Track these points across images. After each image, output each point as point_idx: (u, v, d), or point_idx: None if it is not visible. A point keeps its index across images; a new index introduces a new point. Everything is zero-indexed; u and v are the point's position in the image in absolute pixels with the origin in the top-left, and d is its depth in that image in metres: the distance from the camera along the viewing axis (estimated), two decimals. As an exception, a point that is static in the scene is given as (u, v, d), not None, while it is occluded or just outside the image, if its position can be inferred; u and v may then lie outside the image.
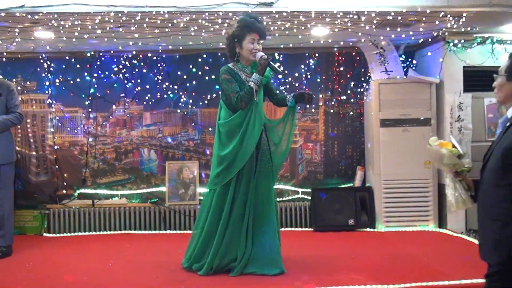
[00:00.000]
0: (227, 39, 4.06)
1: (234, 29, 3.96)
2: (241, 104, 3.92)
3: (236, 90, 3.95)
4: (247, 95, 3.90)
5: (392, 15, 4.53)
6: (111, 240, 5.34)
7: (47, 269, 4.25)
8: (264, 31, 4.00)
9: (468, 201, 2.76)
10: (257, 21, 3.95)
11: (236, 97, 3.92)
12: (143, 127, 6.14)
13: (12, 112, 4.72)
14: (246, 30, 3.92)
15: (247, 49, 3.96)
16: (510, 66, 2.46)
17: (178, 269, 4.16)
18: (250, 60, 4.02)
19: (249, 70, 4.06)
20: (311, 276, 3.91)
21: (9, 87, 4.78)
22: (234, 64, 4.09)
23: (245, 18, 3.96)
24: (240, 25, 3.94)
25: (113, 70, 6.01)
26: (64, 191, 5.97)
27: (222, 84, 4.05)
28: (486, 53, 5.50)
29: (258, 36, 3.95)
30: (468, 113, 5.50)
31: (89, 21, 4.51)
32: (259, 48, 3.98)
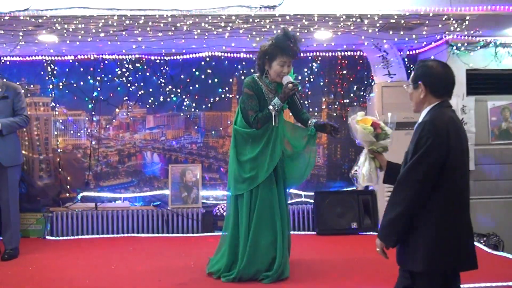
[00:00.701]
0: (259, 53, 3.90)
1: (267, 46, 3.81)
2: (257, 125, 3.85)
3: (255, 109, 3.86)
4: (265, 118, 3.83)
5: (395, 18, 4.52)
6: (114, 243, 5.34)
7: (50, 272, 4.25)
8: (297, 53, 3.83)
9: (373, 178, 2.86)
10: (293, 42, 3.77)
11: (254, 117, 3.84)
12: (146, 130, 6.15)
13: (18, 115, 4.76)
14: (278, 51, 3.77)
15: (276, 70, 3.82)
16: (414, 75, 2.53)
17: (180, 272, 4.16)
18: (276, 80, 3.89)
19: (273, 87, 3.93)
20: (315, 280, 3.90)
21: (16, 90, 4.82)
22: (260, 77, 3.95)
23: (281, 38, 3.78)
24: (274, 44, 3.79)
25: (116, 73, 6.02)
26: (67, 194, 5.98)
27: (243, 96, 3.94)
28: (489, 56, 5.49)
29: (289, 59, 3.80)
30: (471, 116, 5.49)
31: (92, 25, 4.52)
32: (289, 70, 3.84)
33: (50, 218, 5.66)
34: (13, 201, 4.77)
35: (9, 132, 4.68)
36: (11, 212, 4.72)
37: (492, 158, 5.58)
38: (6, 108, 4.72)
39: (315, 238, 5.52)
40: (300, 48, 3.89)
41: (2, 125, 4.58)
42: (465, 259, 2.39)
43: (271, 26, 4.67)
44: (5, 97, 4.72)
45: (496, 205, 5.52)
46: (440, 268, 2.35)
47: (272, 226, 3.88)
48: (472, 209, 5.82)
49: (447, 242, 2.34)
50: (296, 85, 3.78)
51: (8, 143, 4.68)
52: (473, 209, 5.72)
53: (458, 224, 2.38)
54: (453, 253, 2.35)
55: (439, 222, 2.34)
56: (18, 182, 4.90)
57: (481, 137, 5.56)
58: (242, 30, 4.80)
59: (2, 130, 4.58)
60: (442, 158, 2.30)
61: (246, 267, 3.85)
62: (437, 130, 2.30)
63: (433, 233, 2.33)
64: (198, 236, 5.59)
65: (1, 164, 4.63)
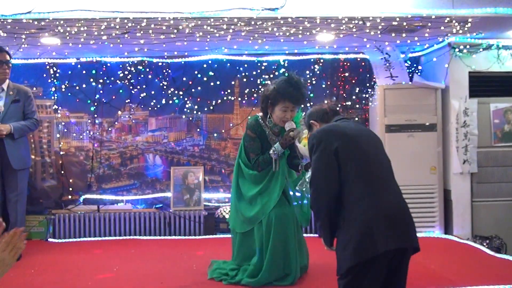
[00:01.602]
0: (261, 96, 3.90)
1: (270, 91, 3.77)
2: (257, 168, 3.87)
3: (257, 152, 3.87)
4: (265, 163, 3.84)
5: (397, 20, 4.53)
6: (116, 245, 5.34)
7: (53, 274, 4.25)
8: (300, 100, 3.76)
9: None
10: (297, 90, 3.71)
11: (255, 161, 3.86)
12: (148, 133, 6.16)
13: (28, 118, 4.79)
14: (280, 97, 3.71)
15: (278, 116, 3.77)
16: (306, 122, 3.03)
17: (182, 275, 4.16)
18: (279, 124, 3.85)
19: (277, 129, 3.91)
20: (318, 284, 3.89)
21: (27, 93, 4.85)
22: (264, 118, 3.93)
23: (284, 83, 3.73)
24: (276, 90, 3.73)
25: (118, 76, 6.03)
26: (69, 196, 5.99)
27: (245, 136, 3.95)
28: (492, 59, 5.48)
29: (292, 105, 3.74)
30: (473, 118, 5.48)
31: (95, 27, 4.53)
32: (292, 115, 3.77)
33: (53, 220, 5.67)
34: (21, 204, 4.79)
35: (20, 135, 4.71)
36: (18, 215, 4.74)
37: (495, 160, 5.56)
38: (17, 112, 4.74)
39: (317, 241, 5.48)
40: (306, 94, 3.87)
41: (14, 129, 4.61)
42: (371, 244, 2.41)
43: (273, 29, 4.68)
44: (16, 101, 4.75)
45: (499, 208, 5.50)
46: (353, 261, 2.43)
47: (285, 240, 3.83)
48: (475, 211, 5.84)
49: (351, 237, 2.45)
50: (298, 133, 3.71)
51: (19, 146, 4.71)
52: (476, 211, 5.75)
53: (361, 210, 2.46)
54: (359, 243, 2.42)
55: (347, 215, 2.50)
56: (26, 185, 4.93)
57: (483, 139, 5.54)
58: (244, 33, 4.81)
59: (14, 134, 4.61)
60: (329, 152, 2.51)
61: (263, 278, 3.81)
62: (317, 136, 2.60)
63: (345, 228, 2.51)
64: (200, 238, 5.59)
65: (11, 167, 4.65)
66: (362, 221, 2.42)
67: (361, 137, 2.61)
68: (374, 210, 2.43)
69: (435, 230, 5.53)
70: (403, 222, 2.50)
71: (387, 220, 2.42)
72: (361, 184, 2.48)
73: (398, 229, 2.45)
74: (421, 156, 5.49)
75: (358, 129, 2.67)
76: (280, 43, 5.27)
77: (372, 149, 2.60)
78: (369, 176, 2.50)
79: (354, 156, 2.52)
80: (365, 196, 2.45)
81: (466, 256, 4.71)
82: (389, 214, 2.44)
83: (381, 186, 2.52)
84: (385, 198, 2.48)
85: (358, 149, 2.55)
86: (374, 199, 2.45)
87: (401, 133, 5.55)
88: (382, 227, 2.40)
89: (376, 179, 2.51)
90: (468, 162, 5.46)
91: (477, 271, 4.13)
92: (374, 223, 2.41)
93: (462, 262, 4.48)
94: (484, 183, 5.54)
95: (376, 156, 2.59)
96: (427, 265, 4.35)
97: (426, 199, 5.53)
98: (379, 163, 2.58)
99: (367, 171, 2.51)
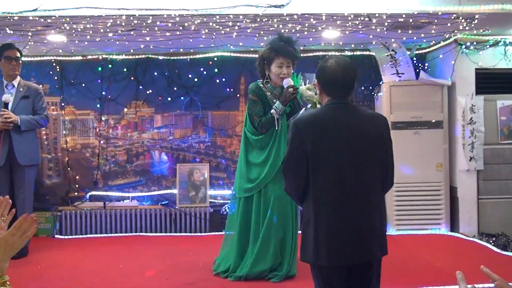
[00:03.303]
0: (258, 60, 4.03)
1: (264, 51, 3.94)
2: (261, 129, 3.96)
3: (260, 114, 3.96)
4: (268, 123, 3.92)
5: (404, 17, 4.50)
6: (122, 242, 5.36)
7: (59, 270, 4.27)
8: (294, 54, 3.90)
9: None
10: (288, 43, 3.86)
11: (258, 122, 3.95)
12: (154, 130, 6.17)
13: (38, 114, 4.81)
14: (274, 54, 3.86)
15: (275, 72, 3.90)
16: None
17: (188, 272, 4.17)
18: (278, 83, 3.96)
19: (277, 92, 3.99)
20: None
21: (37, 90, 4.89)
22: (264, 83, 4.03)
23: (275, 40, 3.89)
24: (269, 48, 3.89)
25: (124, 73, 6.04)
26: (76, 193, 6.01)
27: (248, 102, 4.08)
28: (499, 55, 5.45)
29: (286, 60, 3.88)
30: (480, 115, 5.45)
31: (101, 25, 4.54)
32: (288, 71, 3.90)
33: (59, 217, 5.70)
34: (29, 201, 4.82)
35: (28, 128, 4.71)
36: (26, 212, 4.76)
37: (501, 157, 5.53)
38: (27, 108, 4.77)
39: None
40: (298, 49, 3.96)
41: (21, 120, 4.62)
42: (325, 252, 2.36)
43: (279, 25, 4.67)
44: (26, 97, 4.78)
45: (505, 205, 5.48)
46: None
47: (283, 224, 3.90)
48: (481, 209, 5.82)
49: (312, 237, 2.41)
50: (296, 89, 3.80)
51: (26, 142, 4.72)
52: (482, 209, 5.73)
53: (320, 215, 2.39)
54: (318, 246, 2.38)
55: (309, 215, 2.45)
56: (33, 181, 4.95)
57: (490, 136, 5.52)
58: (250, 30, 4.81)
59: (20, 126, 4.62)
60: (301, 150, 2.39)
61: (254, 265, 3.87)
62: (296, 127, 2.44)
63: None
64: (206, 235, 5.60)
65: (18, 163, 4.66)
66: (311, 228, 2.39)
67: (340, 149, 2.39)
68: (328, 219, 2.37)
69: (441, 228, 5.51)
70: (350, 241, 2.37)
71: (338, 235, 2.36)
72: (321, 196, 2.39)
73: (341, 249, 2.36)
74: (427, 153, 5.47)
75: (344, 134, 2.41)
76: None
77: (348, 163, 2.38)
78: (330, 192, 2.38)
79: (324, 159, 2.38)
80: (322, 207, 2.38)
81: (472, 253, 4.70)
82: (339, 229, 2.36)
83: (339, 202, 2.38)
84: (342, 213, 2.37)
85: (331, 152, 2.38)
86: (331, 210, 2.37)
87: (407, 130, 5.53)
88: (330, 240, 2.36)
89: (339, 189, 2.37)
90: (475, 159, 5.43)
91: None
92: (323, 233, 2.36)
93: (468, 259, 4.46)
94: (490, 180, 5.52)
95: (349, 172, 2.38)
96: (433, 263, 4.34)
97: (432, 197, 5.51)
98: (348, 180, 2.38)
99: (331, 187, 2.38)
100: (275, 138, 3.96)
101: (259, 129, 3.96)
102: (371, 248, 2.41)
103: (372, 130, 2.46)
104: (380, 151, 2.46)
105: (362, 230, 2.39)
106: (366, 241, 2.39)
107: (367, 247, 2.40)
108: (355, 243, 2.37)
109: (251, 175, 3.97)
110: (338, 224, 2.37)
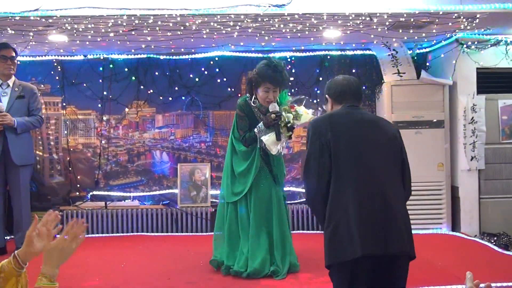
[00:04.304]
0: (247, 80, 4.20)
1: (253, 74, 4.07)
2: (245, 143, 4.16)
3: (245, 129, 4.14)
4: (251, 139, 4.10)
5: (405, 16, 4.50)
6: (124, 241, 5.37)
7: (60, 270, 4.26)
8: (281, 80, 4.02)
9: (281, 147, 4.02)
10: (275, 71, 3.97)
11: (243, 137, 4.15)
12: (155, 130, 6.17)
13: (34, 115, 4.82)
14: (261, 79, 4.00)
15: (261, 96, 4.05)
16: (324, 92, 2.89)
17: (189, 271, 4.17)
18: (264, 105, 4.08)
19: (264, 108, 4.11)
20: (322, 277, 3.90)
21: (33, 90, 4.91)
22: (251, 99, 4.15)
23: (263, 66, 4.01)
24: (258, 72, 4.02)
25: (125, 72, 6.05)
26: (77, 193, 6.02)
27: (235, 116, 4.25)
28: (500, 55, 5.44)
29: (273, 86, 4.00)
30: (481, 115, 5.45)
31: (102, 24, 4.54)
32: (275, 95, 4.04)
33: (61, 216, 5.68)
34: (26, 201, 4.82)
35: (23, 131, 4.74)
36: (23, 212, 4.77)
37: (503, 157, 5.53)
38: (22, 108, 4.79)
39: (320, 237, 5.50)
40: (286, 75, 4.09)
41: (18, 123, 4.64)
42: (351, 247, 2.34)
43: (280, 25, 4.67)
44: (21, 97, 4.79)
45: (507, 205, 5.47)
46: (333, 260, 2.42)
47: (268, 221, 4.09)
48: (483, 208, 5.81)
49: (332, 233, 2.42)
50: (279, 116, 3.91)
51: (21, 142, 4.74)
52: (484, 208, 5.72)
53: (340, 210, 2.40)
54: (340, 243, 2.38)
55: (328, 213, 2.45)
56: (29, 181, 4.96)
57: (491, 136, 5.51)
58: (251, 29, 4.81)
59: (16, 129, 4.64)
60: (321, 143, 2.46)
61: (252, 261, 3.98)
62: (314, 126, 2.56)
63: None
64: (207, 235, 5.59)
65: (13, 163, 4.67)
66: (338, 223, 2.37)
67: (359, 135, 2.48)
68: (353, 212, 2.35)
69: (442, 227, 5.51)
70: (383, 229, 2.34)
71: (363, 226, 2.33)
72: (345, 184, 2.40)
73: (374, 236, 2.33)
74: (429, 153, 5.46)
75: (361, 124, 2.53)
76: (287, 40, 5.25)
77: (368, 149, 2.46)
78: (355, 177, 2.40)
79: (345, 153, 2.43)
80: (348, 196, 2.37)
81: (474, 253, 4.69)
82: (366, 219, 2.34)
83: (365, 189, 2.39)
84: (367, 202, 2.37)
85: (350, 147, 2.45)
86: (355, 201, 2.36)
87: (408, 130, 5.53)
88: (356, 234, 2.32)
89: (361, 182, 2.40)
90: (476, 158, 5.43)
91: (485, 268, 4.11)
92: (347, 227, 2.34)
93: (470, 259, 4.46)
94: (492, 180, 5.51)
95: (371, 157, 2.45)
96: (434, 262, 4.34)
97: (433, 196, 5.51)
98: (371, 165, 2.43)
99: (354, 171, 2.41)
100: (256, 152, 4.11)
101: (243, 143, 4.16)
102: (404, 240, 2.37)
103: (387, 127, 2.62)
104: (396, 146, 2.56)
105: (393, 220, 2.38)
106: (398, 231, 2.37)
107: (401, 237, 2.37)
108: (387, 231, 2.34)
109: (236, 189, 4.16)
110: (368, 214, 2.35)
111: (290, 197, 5.99)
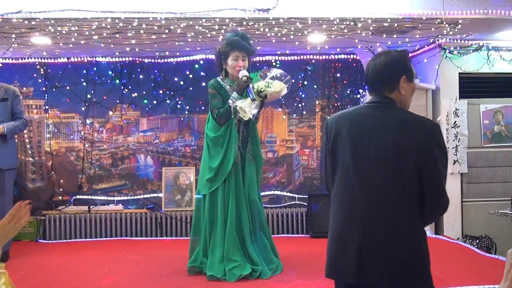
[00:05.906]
0: (215, 55, 4.22)
1: (220, 46, 4.15)
2: (220, 120, 4.11)
3: (218, 106, 4.11)
4: (226, 113, 4.07)
5: (389, 22, 4.55)
6: (107, 246, 5.31)
7: (43, 275, 4.22)
8: (248, 48, 4.12)
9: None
10: (243, 38, 4.08)
11: (217, 113, 4.11)
12: (139, 133, 6.14)
13: (18, 118, 4.77)
14: (229, 48, 4.09)
15: (231, 65, 4.12)
16: None
17: (174, 276, 4.15)
18: (235, 76, 4.14)
19: (236, 85, 4.14)
20: (308, 282, 3.90)
21: (15, 92, 4.84)
22: (223, 78, 4.22)
23: (230, 36, 4.11)
24: (225, 43, 4.12)
25: (110, 76, 6.01)
26: (60, 197, 5.95)
27: (209, 97, 4.20)
28: (482, 60, 5.52)
29: (242, 54, 4.09)
30: (464, 119, 5.52)
31: (86, 27, 4.51)
32: (243, 65, 4.10)
33: (43, 221, 5.63)
34: (9, 205, 4.74)
35: (11, 137, 4.70)
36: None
37: (485, 161, 5.61)
38: (6, 111, 4.73)
39: (308, 241, 5.52)
40: (253, 44, 4.19)
41: (8, 130, 4.59)
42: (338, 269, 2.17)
43: (265, 29, 4.69)
44: (4, 99, 4.72)
45: (489, 208, 5.54)
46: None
47: (239, 219, 4.09)
48: (465, 211, 5.85)
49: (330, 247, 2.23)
50: (250, 78, 4.01)
51: (6, 146, 4.68)
52: (466, 211, 5.76)
53: (338, 227, 2.19)
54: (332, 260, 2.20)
55: (330, 223, 2.26)
56: (13, 185, 4.89)
57: (473, 140, 5.59)
58: (236, 33, 4.81)
59: (6, 135, 4.59)
60: (325, 144, 2.29)
61: (226, 263, 3.98)
62: (328, 123, 2.33)
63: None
64: (192, 239, 5.57)
65: None
66: (333, 236, 2.19)
67: (356, 144, 2.15)
68: (332, 233, 2.19)
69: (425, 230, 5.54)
70: (357, 253, 2.08)
71: (334, 248, 2.17)
72: (334, 199, 2.21)
73: (346, 260, 2.10)
74: (412, 157, 5.51)
75: (364, 124, 2.17)
76: (272, 44, 5.27)
77: (359, 163, 2.13)
78: (340, 193, 2.17)
79: (340, 163, 2.19)
80: (335, 214, 2.20)
81: (457, 256, 4.74)
82: (339, 242, 2.15)
83: (344, 211, 2.15)
84: (344, 225, 2.14)
85: (343, 158, 2.18)
86: (336, 222, 2.18)
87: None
88: (332, 251, 2.18)
89: (345, 201, 2.15)
90: (458, 162, 5.49)
91: (467, 271, 4.16)
92: (330, 243, 2.20)
93: (453, 261, 4.50)
94: (474, 183, 5.58)
95: (360, 172, 2.12)
96: (418, 265, 4.36)
97: (417, 199, 5.54)
98: (356, 182, 2.12)
99: (340, 186, 2.17)
100: (229, 137, 4.08)
101: (218, 120, 4.10)
102: (373, 272, 2.06)
103: (402, 137, 2.12)
104: (408, 164, 2.06)
105: (368, 246, 2.06)
106: (368, 261, 2.06)
107: (369, 268, 2.06)
108: (354, 259, 2.07)
109: (208, 175, 4.10)
110: (343, 234, 2.11)
111: (275, 201, 6.01)
